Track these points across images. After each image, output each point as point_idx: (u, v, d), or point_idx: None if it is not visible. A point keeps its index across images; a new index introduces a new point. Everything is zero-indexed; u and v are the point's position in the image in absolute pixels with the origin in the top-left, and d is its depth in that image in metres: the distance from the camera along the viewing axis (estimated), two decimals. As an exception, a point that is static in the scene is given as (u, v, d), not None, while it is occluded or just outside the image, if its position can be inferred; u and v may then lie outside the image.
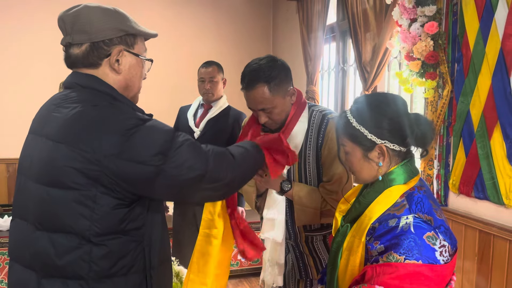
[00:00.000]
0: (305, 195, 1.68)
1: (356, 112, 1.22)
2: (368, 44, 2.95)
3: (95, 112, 1.11)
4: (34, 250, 1.12)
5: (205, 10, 4.78)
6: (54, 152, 1.09)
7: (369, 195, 1.20)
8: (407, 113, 1.21)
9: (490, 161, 2.03)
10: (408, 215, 1.11)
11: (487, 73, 2.04)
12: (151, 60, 1.29)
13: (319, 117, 1.71)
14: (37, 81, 4.22)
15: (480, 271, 2.12)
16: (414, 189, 1.18)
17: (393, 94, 1.30)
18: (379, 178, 1.19)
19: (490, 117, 2.03)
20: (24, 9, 4.24)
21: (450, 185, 2.29)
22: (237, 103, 3.01)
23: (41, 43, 4.20)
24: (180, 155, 1.12)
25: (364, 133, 1.18)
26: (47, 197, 1.10)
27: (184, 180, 1.13)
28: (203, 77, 2.92)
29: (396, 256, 1.05)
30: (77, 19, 1.16)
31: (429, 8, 2.24)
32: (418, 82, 2.34)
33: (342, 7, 3.57)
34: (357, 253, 1.15)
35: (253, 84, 1.59)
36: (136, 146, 1.07)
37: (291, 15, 4.42)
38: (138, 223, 1.14)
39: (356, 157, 1.22)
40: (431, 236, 1.08)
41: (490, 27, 2.01)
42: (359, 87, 3.22)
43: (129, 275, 1.14)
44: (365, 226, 1.15)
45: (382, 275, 1.05)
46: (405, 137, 1.18)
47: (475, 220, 2.15)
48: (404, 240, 1.06)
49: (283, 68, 1.66)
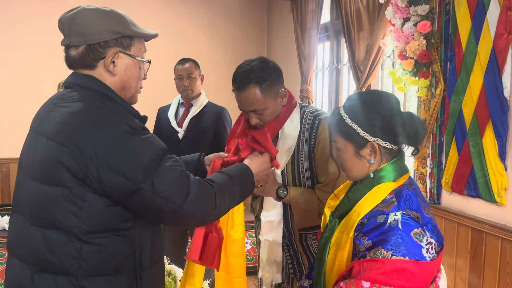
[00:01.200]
0: (302, 199, 1.69)
1: (349, 109, 1.22)
2: (362, 43, 2.96)
3: (92, 113, 1.12)
4: (29, 245, 1.14)
5: (199, 9, 4.78)
6: (48, 150, 1.11)
7: (359, 191, 1.21)
8: (400, 112, 1.22)
9: (482, 159, 2.05)
10: (396, 212, 1.12)
11: (479, 72, 2.05)
12: (149, 61, 1.30)
13: (311, 118, 1.71)
14: (30, 82, 4.20)
15: (472, 268, 2.14)
16: (403, 186, 1.19)
17: (387, 92, 1.31)
18: (370, 175, 1.20)
19: (482, 115, 2.04)
20: (23, 9, 4.21)
21: (443, 183, 2.31)
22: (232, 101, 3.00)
23: (38, 44, 4.19)
24: (161, 181, 1.10)
25: (357, 130, 1.19)
26: (41, 194, 1.11)
27: (157, 207, 1.11)
28: (181, 74, 2.87)
29: (384, 252, 1.06)
30: (74, 22, 1.18)
31: (422, 7, 2.25)
32: (411, 81, 2.36)
33: (336, 7, 3.57)
34: (345, 248, 1.16)
35: (244, 85, 1.59)
36: (122, 157, 1.07)
37: (285, 14, 4.43)
38: (128, 224, 1.15)
39: (347, 154, 1.23)
40: (418, 233, 1.09)
41: (482, 26, 2.03)
42: (353, 86, 3.24)
43: (119, 275, 1.14)
44: (353, 222, 1.16)
45: (369, 271, 1.06)
46: (397, 135, 1.19)
47: (467, 218, 2.16)
48: (392, 236, 1.07)
49: (274, 69, 1.65)
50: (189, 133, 2.85)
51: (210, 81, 4.81)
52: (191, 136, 2.82)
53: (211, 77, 4.84)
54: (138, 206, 1.12)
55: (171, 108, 2.98)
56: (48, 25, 4.30)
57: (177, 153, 2.80)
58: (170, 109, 2.98)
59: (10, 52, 4.21)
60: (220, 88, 4.72)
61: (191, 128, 2.85)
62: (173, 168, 1.14)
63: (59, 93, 1.24)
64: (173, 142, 2.80)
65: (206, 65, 4.82)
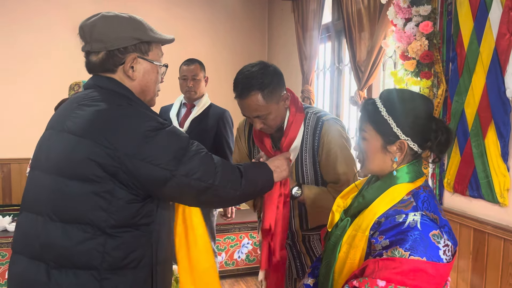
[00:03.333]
0: (317, 197, 1.68)
1: (387, 102, 1.20)
2: (363, 44, 2.96)
3: (119, 111, 1.18)
4: (45, 242, 1.17)
5: (201, 10, 4.78)
6: (76, 146, 1.15)
7: (375, 190, 1.21)
8: (435, 117, 1.22)
9: (485, 160, 2.04)
10: (415, 212, 1.12)
11: (481, 72, 2.05)
12: (166, 65, 1.36)
13: (314, 119, 1.71)
14: (30, 85, 4.20)
15: (474, 269, 2.13)
16: (420, 188, 1.19)
17: (425, 95, 1.30)
18: (394, 173, 1.19)
19: (484, 116, 2.04)
20: (25, 11, 4.22)
21: (445, 184, 2.31)
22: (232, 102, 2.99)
23: (36, 47, 4.19)
24: (191, 164, 1.21)
25: (391, 125, 1.18)
26: (64, 189, 1.15)
27: (192, 188, 1.21)
28: (186, 74, 2.86)
29: (401, 251, 1.06)
30: (94, 29, 1.23)
31: (424, 7, 2.25)
32: (413, 81, 2.35)
33: (337, 7, 3.57)
34: (358, 247, 1.16)
35: (246, 93, 1.58)
36: (155, 149, 1.15)
37: (286, 14, 4.42)
38: (148, 219, 1.21)
39: (373, 146, 1.21)
40: (436, 235, 1.08)
41: (484, 26, 2.02)
42: (354, 86, 3.23)
43: (138, 269, 1.20)
44: (369, 220, 1.16)
45: (384, 270, 1.05)
46: (428, 139, 1.18)
47: (469, 218, 2.16)
48: (411, 236, 1.07)
49: (275, 74, 1.63)
50: (190, 134, 2.81)
51: (211, 82, 4.78)
52: (192, 137, 2.75)
53: (212, 78, 4.80)
54: (174, 191, 1.20)
55: (173, 108, 2.96)
56: (48, 28, 4.33)
57: None
58: (172, 109, 2.95)
59: (8, 55, 4.21)
60: (221, 89, 4.72)
61: (193, 129, 2.83)
62: (198, 151, 1.24)
63: (80, 93, 1.28)
64: None
65: (207, 66, 4.77)
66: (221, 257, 3.68)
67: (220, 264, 3.65)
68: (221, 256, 3.68)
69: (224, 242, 3.67)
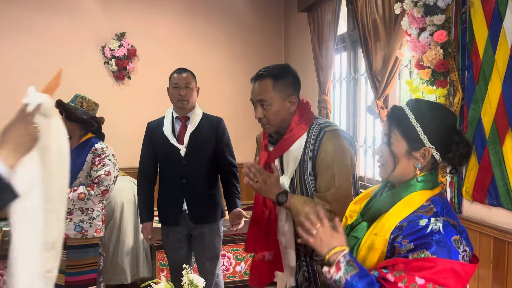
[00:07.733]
0: (303, 208, 1.69)
1: (415, 110, 1.24)
2: (378, 54, 2.98)
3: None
4: None
5: (217, 23, 4.86)
6: None
7: (394, 195, 1.24)
8: (458, 131, 1.25)
9: (503, 168, 2.03)
10: (437, 217, 1.16)
11: (497, 80, 2.05)
12: None
13: (317, 129, 1.75)
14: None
15: (495, 278, 2.11)
16: (438, 195, 1.23)
17: (450, 109, 1.35)
18: (418, 179, 1.22)
19: (501, 123, 2.03)
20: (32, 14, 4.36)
21: (463, 192, 2.29)
22: (248, 115, 2.93)
23: (40, 46, 4.32)
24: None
25: (418, 132, 1.21)
26: None
27: None
28: (178, 82, 2.65)
29: (428, 254, 1.09)
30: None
31: (437, 17, 2.26)
32: (428, 90, 2.36)
33: (352, 18, 3.61)
34: (378, 250, 1.20)
35: (260, 77, 1.75)
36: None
37: (302, 26, 4.47)
38: None
39: (397, 151, 1.25)
40: (457, 240, 1.13)
41: (499, 34, 2.03)
42: (370, 96, 3.24)
43: None
44: (390, 224, 1.19)
45: (420, 269, 1.09)
46: (450, 150, 1.22)
47: (489, 227, 2.14)
48: (435, 240, 1.11)
49: (292, 74, 1.79)
50: (191, 149, 2.68)
51: (227, 93, 4.89)
52: (194, 152, 2.68)
53: (228, 90, 4.91)
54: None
55: (165, 124, 2.72)
56: (47, 27, 4.44)
57: (180, 170, 2.75)
58: (164, 125, 2.72)
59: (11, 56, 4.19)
60: (236, 101, 4.78)
61: (193, 144, 2.68)
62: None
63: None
64: (175, 159, 2.67)
65: (224, 79, 4.91)
66: (240, 266, 3.70)
67: (239, 274, 3.67)
68: (240, 265, 3.71)
69: (243, 251, 3.69)
